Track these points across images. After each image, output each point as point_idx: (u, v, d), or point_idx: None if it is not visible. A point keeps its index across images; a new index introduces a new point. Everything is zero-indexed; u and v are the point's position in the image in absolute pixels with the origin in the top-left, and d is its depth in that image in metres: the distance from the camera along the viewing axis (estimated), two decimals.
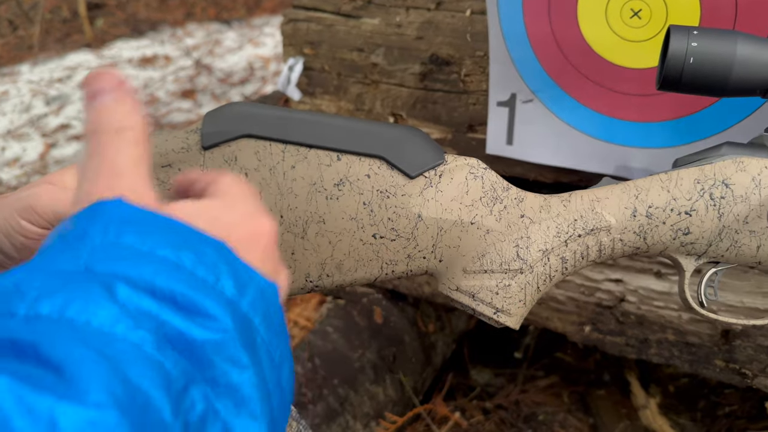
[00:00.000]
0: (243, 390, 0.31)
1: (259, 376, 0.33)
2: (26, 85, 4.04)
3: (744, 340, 1.00)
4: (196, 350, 0.31)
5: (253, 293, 0.35)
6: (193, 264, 0.33)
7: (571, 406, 1.41)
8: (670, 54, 0.63)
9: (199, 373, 0.30)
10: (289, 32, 1.25)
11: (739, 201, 0.62)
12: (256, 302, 0.35)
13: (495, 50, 0.94)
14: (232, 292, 0.33)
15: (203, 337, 0.31)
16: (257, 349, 0.33)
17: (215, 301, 0.32)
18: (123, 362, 0.27)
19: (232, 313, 0.33)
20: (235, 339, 0.32)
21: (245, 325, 0.33)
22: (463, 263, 0.64)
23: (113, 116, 0.39)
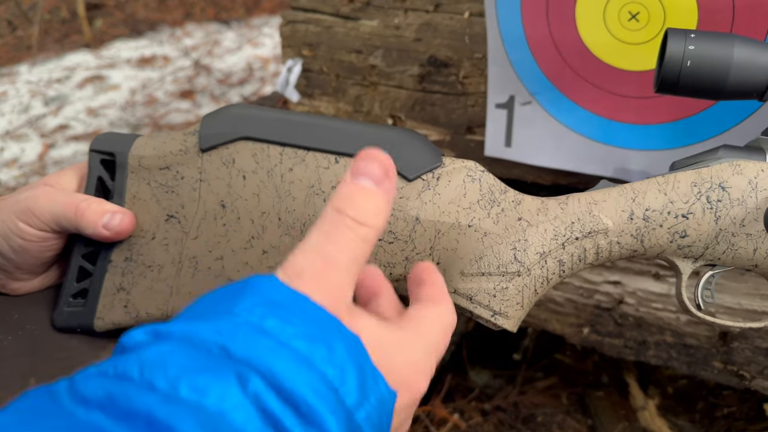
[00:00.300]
0: None
1: None
2: (25, 86, 4.04)
3: (742, 342, 1.00)
4: None
5: (373, 402, 0.34)
6: (323, 362, 0.33)
7: (570, 408, 1.41)
8: (668, 57, 0.63)
9: None
10: (287, 34, 1.25)
11: (735, 204, 0.62)
12: (372, 413, 0.34)
13: (493, 52, 0.94)
14: (353, 400, 0.33)
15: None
16: None
17: (334, 415, 0.32)
18: None
19: (347, 423, 0.32)
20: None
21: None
22: (461, 266, 0.65)
23: (366, 204, 0.39)
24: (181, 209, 0.66)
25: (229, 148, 0.66)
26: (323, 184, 0.65)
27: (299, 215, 0.65)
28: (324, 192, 0.65)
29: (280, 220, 0.65)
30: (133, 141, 0.68)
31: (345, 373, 0.33)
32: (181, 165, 0.66)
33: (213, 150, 0.66)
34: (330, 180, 0.65)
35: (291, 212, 0.65)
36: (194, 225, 0.66)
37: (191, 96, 3.68)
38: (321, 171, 0.65)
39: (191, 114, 3.45)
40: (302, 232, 0.65)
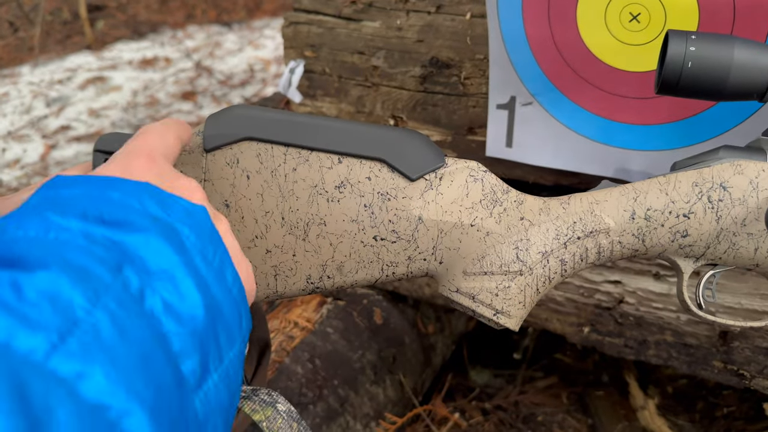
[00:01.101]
0: (175, 274, 0.39)
1: (189, 266, 0.40)
2: (27, 87, 4.04)
3: (742, 341, 1.01)
4: (124, 247, 0.39)
5: (179, 211, 0.44)
6: (120, 197, 0.42)
7: (570, 407, 1.42)
8: (669, 58, 0.63)
9: (128, 260, 0.38)
10: (289, 35, 1.25)
11: (737, 204, 0.63)
12: (182, 217, 0.43)
13: (495, 53, 0.94)
14: (156, 210, 0.42)
15: (125, 238, 0.39)
16: (187, 249, 0.42)
17: (136, 215, 0.41)
18: (62, 250, 0.36)
19: (153, 221, 0.41)
20: (158, 236, 0.40)
21: (169, 230, 0.41)
22: (464, 265, 0.65)
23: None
24: None
25: (233, 148, 0.66)
26: (326, 183, 0.65)
27: (303, 215, 0.65)
28: (327, 191, 0.65)
29: (284, 220, 0.66)
30: None
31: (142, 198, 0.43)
32: (185, 165, 0.67)
33: (217, 150, 0.66)
34: (333, 180, 0.65)
35: (294, 212, 0.66)
36: None
37: (193, 97, 3.68)
38: (324, 171, 0.65)
39: (193, 115, 3.45)
40: (305, 231, 0.66)
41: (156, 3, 5.35)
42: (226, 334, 0.42)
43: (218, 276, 0.43)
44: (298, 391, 1.14)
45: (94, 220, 0.39)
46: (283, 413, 0.62)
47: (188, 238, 0.42)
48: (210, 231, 0.45)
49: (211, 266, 0.43)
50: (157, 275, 0.39)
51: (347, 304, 1.34)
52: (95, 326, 0.33)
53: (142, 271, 0.38)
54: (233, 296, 0.44)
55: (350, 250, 0.66)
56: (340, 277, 0.67)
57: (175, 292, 0.39)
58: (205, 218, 0.45)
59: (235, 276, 0.45)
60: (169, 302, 0.38)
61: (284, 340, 1.23)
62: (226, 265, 0.44)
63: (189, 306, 0.39)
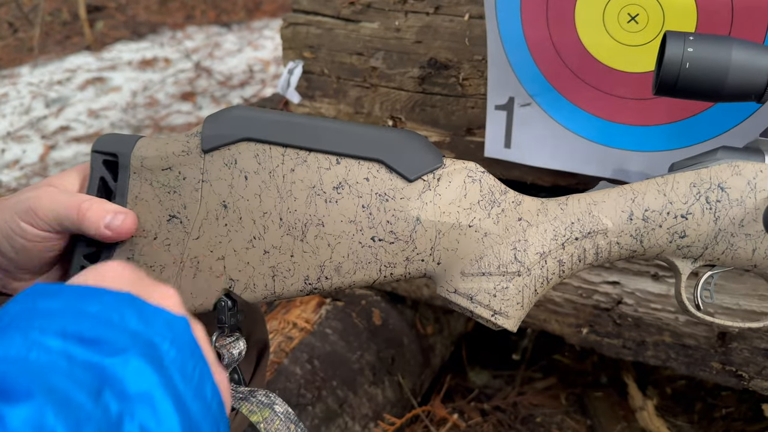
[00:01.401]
0: (153, 396, 0.39)
1: (168, 387, 0.40)
2: (26, 87, 4.04)
3: (740, 342, 1.01)
4: (103, 370, 0.38)
5: (159, 324, 0.43)
6: (98, 310, 0.41)
7: (569, 408, 1.42)
8: (666, 59, 0.63)
9: (107, 384, 0.38)
10: (288, 36, 1.25)
11: (734, 204, 0.63)
12: (163, 331, 0.43)
13: (493, 54, 0.94)
14: (136, 324, 0.42)
15: (104, 360, 0.39)
16: (166, 367, 0.41)
17: (115, 332, 0.40)
18: (45, 375, 0.36)
19: (132, 338, 0.41)
20: (138, 357, 0.40)
21: (149, 347, 0.41)
22: (462, 266, 0.65)
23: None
24: (183, 210, 0.67)
25: (231, 149, 0.66)
26: (324, 184, 0.65)
27: (300, 215, 0.65)
28: (325, 192, 0.65)
29: (282, 221, 0.66)
30: (136, 142, 0.68)
31: (122, 311, 0.42)
32: (183, 166, 0.67)
33: (215, 151, 0.66)
34: (331, 180, 0.65)
35: (292, 212, 0.66)
36: (196, 225, 0.66)
37: (192, 98, 3.68)
38: (322, 172, 0.65)
39: (192, 116, 3.45)
40: (303, 232, 0.66)
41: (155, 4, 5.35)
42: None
43: (197, 392, 0.42)
44: (297, 392, 1.14)
45: (74, 340, 0.39)
46: (280, 414, 0.62)
47: (168, 353, 0.42)
48: (190, 344, 0.44)
49: (190, 382, 0.42)
50: (135, 399, 0.38)
51: (346, 305, 1.34)
52: None
53: (121, 395, 0.38)
54: (212, 412, 0.43)
55: (348, 250, 0.66)
56: (338, 278, 0.66)
57: (153, 416, 0.38)
58: (185, 330, 0.45)
59: (214, 390, 0.45)
60: (146, 427, 0.38)
61: (283, 341, 1.23)
62: (206, 380, 0.44)
63: (165, 430, 0.39)
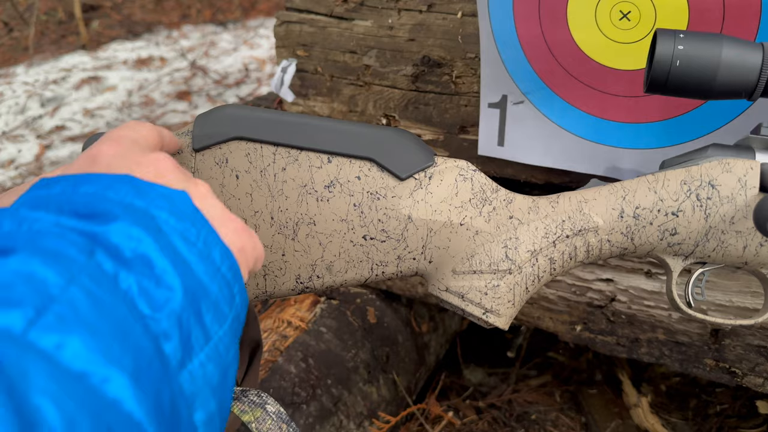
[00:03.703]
0: (151, 258, 0.40)
1: (166, 250, 0.41)
2: (21, 87, 4.03)
3: (733, 339, 1.01)
4: (96, 236, 0.39)
5: (156, 197, 0.44)
6: (95, 189, 0.42)
7: (564, 405, 1.42)
8: (657, 57, 0.63)
9: (100, 247, 0.39)
10: (281, 34, 1.25)
11: (725, 202, 0.63)
12: (160, 203, 0.44)
13: (486, 52, 0.94)
14: (131, 198, 0.43)
15: (97, 228, 0.40)
16: (164, 233, 0.42)
17: (111, 204, 0.41)
18: (35, 238, 0.37)
19: (127, 209, 0.41)
20: (131, 223, 0.40)
21: (144, 216, 0.42)
22: (453, 264, 0.65)
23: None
24: None
25: (222, 148, 0.66)
26: (316, 183, 0.65)
27: (292, 214, 0.65)
28: (317, 191, 0.65)
29: (273, 219, 0.66)
30: None
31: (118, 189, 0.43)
32: None
33: (206, 150, 0.66)
34: (323, 179, 0.65)
35: (284, 211, 0.66)
36: None
37: (188, 97, 3.68)
38: (314, 170, 0.65)
39: (188, 115, 3.45)
40: (294, 231, 0.66)
41: (151, 3, 5.34)
42: (213, 312, 0.42)
43: (203, 256, 0.43)
44: (291, 390, 1.14)
45: (69, 214, 0.40)
46: (272, 414, 0.62)
47: (166, 222, 0.43)
48: (192, 213, 0.45)
49: (194, 247, 0.43)
50: (131, 261, 0.39)
51: (341, 303, 1.34)
52: (71, 301, 0.34)
53: (115, 257, 0.39)
54: (222, 274, 0.44)
55: (340, 249, 0.66)
56: (330, 276, 0.67)
57: (151, 276, 0.39)
58: (184, 201, 0.46)
59: (224, 254, 0.45)
60: (144, 286, 0.39)
61: (277, 340, 1.23)
62: (212, 245, 0.45)
63: (165, 289, 0.39)
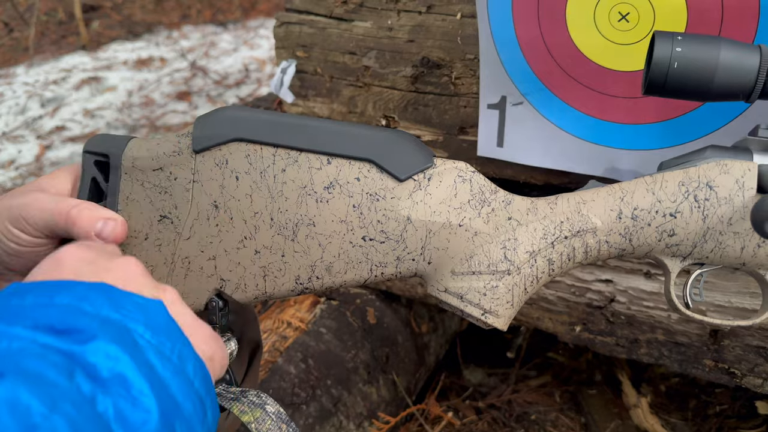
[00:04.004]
0: (127, 377, 0.39)
1: (143, 367, 0.40)
2: (21, 87, 4.04)
3: (732, 339, 1.01)
4: (74, 356, 0.38)
5: (132, 309, 0.43)
6: (69, 301, 0.41)
7: (563, 406, 1.42)
8: (655, 59, 0.64)
9: (79, 367, 0.38)
10: (281, 35, 1.25)
11: (723, 203, 0.63)
12: (136, 315, 0.43)
13: (485, 53, 0.94)
14: (107, 311, 0.42)
15: (75, 348, 0.39)
16: (141, 348, 0.41)
17: (87, 319, 0.40)
18: (17, 358, 0.36)
19: (104, 324, 0.40)
20: (109, 341, 0.39)
21: (121, 331, 0.41)
22: (452, 265, 0.65)
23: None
24: (174, 210, 0.67)
25: (222, 149, 0.66)
26: (315, 184, 0.65)
27: (291, 215, 0.66)
28: (316, 192, 0.65)
29: (273, 221, 0.66)
30: (127, 142, 0.69)
31: (93, 300, 0.43)
32: (174, 166, 0.67)
33: (206, 151, 0.66)
34: (322, 180, 0.65)
35: (283, 212, 0.66)
36: (187, 225, 0.67)
37: (188, 97, 3.68)
38: (313, 172, 0.65)
39: (188, 115, 3.45)
40: (294, 232, 0.66)
41: (151, 3, 5.34)
42: (186, 430, 0.42)
43: (177, 371, 0.42)
44: (291, 391, 1.14)
45: (45, 330, 0.39)
46: (271, 415, 0.63)
47: (142, 336, 0.42)
48: (167, 324, 0.45)
49: (169, 362, 0.42)
50: (108, 381, 0.38)
51: (340, 303, 1.35)
52: (53, 429, 0.34)
53: (94, 377, 0.38)
54: (195, 390, 0.43)
55: (339, 250, 0.66)
56: (329, 277, 0.67)
57: (128, 397, 0.39)
58: (160, 311, 0.45)
59: (197, 366, 0.44)
60: (121, 408, 0.38)
61: (277, 340, 1.24)
62: (186, 358, 0.44)
63: (141, 411, 0.39)
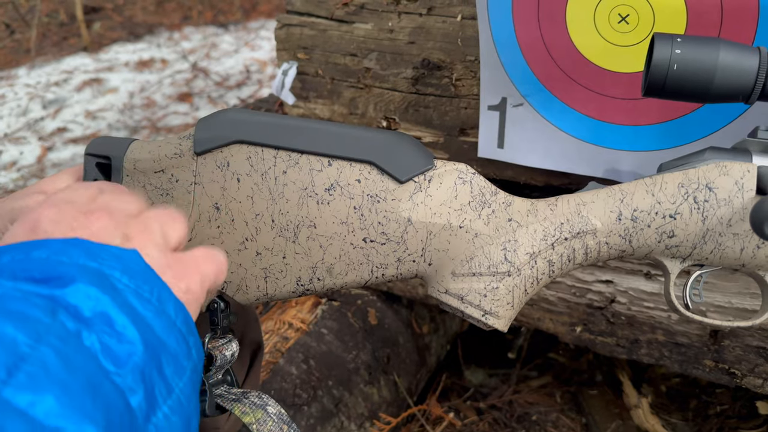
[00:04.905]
0: (110, 315, 0.41)
1: (123, 307, 0.42)
2: (23, 89, 4.04)
3: (732, 340, 1.01)
4: (55, 298, 0.40)
5: (108, 258, 0.45)
6: (47, 254, 0.43)
7: (564, 406, 1.42)
8: (655, 61, 0.64)
9: (61, 308, 0.39)
10: (282, 37, 1.26)
11: (722, 204, 0.63)
12: (111, 263, 0.44)
13: (485, 55, 0.95)
14: (84, 260, 0.43)
15: (55, 291, 0.40)
16: (119, 290, 0.43)
17: (65, 268, 0.42)
18: (2, 301, 0.38)
19: (81, 270, 0.42)
20: (87, 284, 0.41)
21: (98, 276, 0.43)
22: (452, 266, 0.66)
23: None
24: None
25: (223, 151, 0.66)
26: (316, 186, 0.66)
27: (292, 217, 0.66)
28: (317, 194, 0.66)
29: (274, 222, 0.66)
30: (129, 145, 0.69)
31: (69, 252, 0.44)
32: (175, 168, 0.67)
33: (208, 153, 0.67)
34: (323, 182, 0.66)
35: (284, 214, 0.66)
36: (188, 227, 0.67)
37: (189, 99, 3.68)
38: (314, 173, 0.66)
39: (189, 116, 3.46)
40: (295, 233, 0.66)
41: (152, 5, 5.35)
42: (173, 365, 0.43)
43: (158, 312, 0.44)
44: (293, 392, 1.15)
45: (25, 279, 0.40)
46: (273, 416, 0.63)
47: (119, 280, 0.43)
48: (143, 270, 0.46)
49: (148, 303, 0.44)
50: (91, 319, 0.40)
51: (342, 304, 1.35)
52: (42, 359, 0.35)
53: (76, 316, 0.39)
54: (177, 328, 0.45)
55: (340, 252, 0.66)
56: (330, 279, 0.67)
57: (112, 332, 0.40)
58: (136, 259, 0.46)
59: (177, 308, 0.46)
60: (106, 343, 0.39)
61: (279, 341, 1.24)
62: (166, 300, 0.45)
63: (127, 344, 0.40)
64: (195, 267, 0.51)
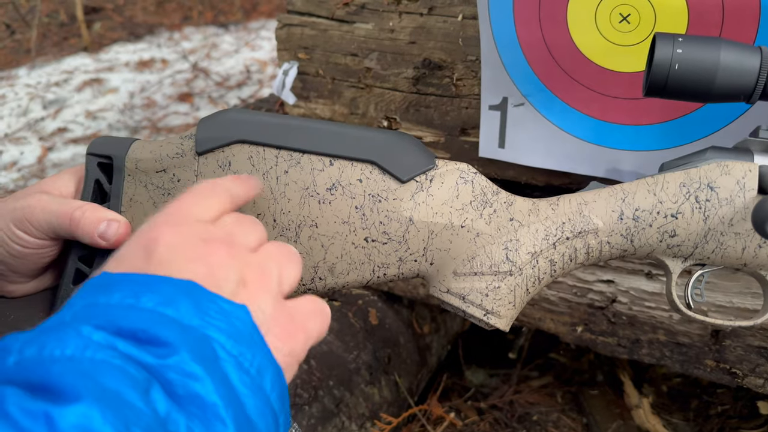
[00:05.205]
0: (204, 397, 0.37)
1: (220, 387, 0.38)
2: (24, 89, 4.04)
3: (734, 340, 1.01)
4: (153, 369, 0.37)
5: (216, 315, 0.41)
6: (154, 307, 0.40)
7: (565, 406, 1.42)
8: (656, 61, 0.64)
9: (157, 383, 0.37)
10: (283, 37, 1.26)
11: (724, 204, 0.64)
12: (218, 323, 0.41)
13: (486, 55, 0.95)
14: (190, 318, 0.40)
15: (155, 361, 0.37)
16: (220, 361, 0.39)
17: (169, 330, 0.39)
18: (97, 373, 0.35)
19: (186, 335, 0.39)
20: (188, 356, 0.38)
21: (202, 342, 0.39)
22: (454, 266, 0.66)
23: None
24: None
25: (225, 151, 0.67)
26: (318, 185, 0.66)
27: (294, 217, 0.66)
28: (319, 194, 0.66)
29: (275, 222, 0.66)
30: (130, 144, 0.69)
31: (177, 304, 0.41)
32: (177, 168, 0.67)
33: (209, 153, 0.67)
34: (324, 182, 0.66)
35: (286, 214, 0.66)
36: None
37: (189, 99, 3.68)
38: (316, 173, 0.66)
39: (189, 117, 3.46)
40: (297, 233, 0.66)
41: (153, 5, 5.35)
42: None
43: (254, 388, 0.40)
44: (294, 391, 1.15)
45: (127, 337, 0.38)
46: None
47: (223, 347, 0.40)
48: (250, 333, 0.42)
49: (247, 375, 0.40)
50: (184, 399, 0.37)
51: (342, 304, 1.35)
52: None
53: (170, 395, 0.37)
54: (270, 406, 0.41)
55: (342, 251, 0.66)
56: (332, 278, 0.67)
57: (203, 417, 0.37)
58: (244, 318, 0.43)
59: (275, 380, 0.42)
60: (192, 429, 0.37)
61: None
62: (265, 370, 0.42)
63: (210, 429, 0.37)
64: (302, 324, 0.47)
